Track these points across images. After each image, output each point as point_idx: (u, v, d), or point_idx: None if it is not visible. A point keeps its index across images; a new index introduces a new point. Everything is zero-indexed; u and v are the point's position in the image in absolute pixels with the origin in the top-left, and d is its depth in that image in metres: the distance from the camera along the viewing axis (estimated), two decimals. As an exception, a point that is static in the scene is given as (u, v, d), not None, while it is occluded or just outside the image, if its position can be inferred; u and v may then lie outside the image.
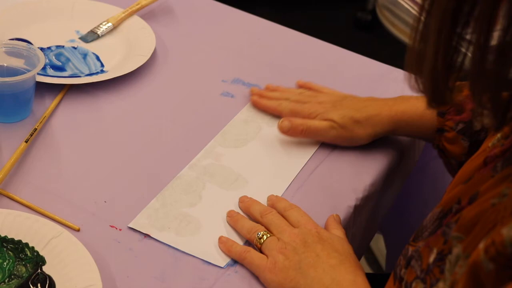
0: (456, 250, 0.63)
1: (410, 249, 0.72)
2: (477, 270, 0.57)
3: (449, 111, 0.95)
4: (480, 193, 0.64)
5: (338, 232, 0.85)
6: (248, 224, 0.86)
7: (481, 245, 0.57)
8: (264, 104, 1.05)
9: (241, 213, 0.89)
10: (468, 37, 0.58)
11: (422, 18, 0.60)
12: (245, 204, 0.89)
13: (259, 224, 0.86)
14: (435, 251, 0.66)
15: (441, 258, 0.65)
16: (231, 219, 0.87)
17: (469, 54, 0.58)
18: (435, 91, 0.62)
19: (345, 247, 0.83)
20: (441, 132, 0.96)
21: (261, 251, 0.83)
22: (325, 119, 0.99)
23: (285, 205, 0.88)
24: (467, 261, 0.60)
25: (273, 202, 0.89)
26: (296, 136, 1.00)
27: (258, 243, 0.83)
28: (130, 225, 0.86)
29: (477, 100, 0.58)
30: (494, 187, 0.62)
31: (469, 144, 0.93)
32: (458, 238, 0.63)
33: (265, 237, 0.83)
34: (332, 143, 1.01)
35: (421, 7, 0.60)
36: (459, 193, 0.68)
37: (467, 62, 0.59)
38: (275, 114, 1.04)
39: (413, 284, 0.68)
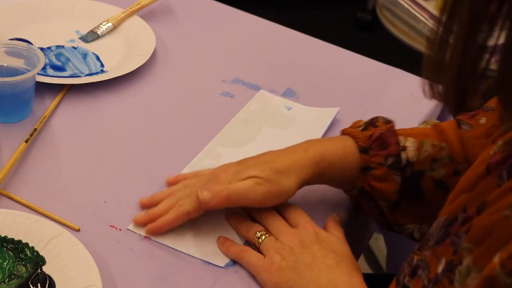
0: (467, 261, 0.62)
1: (416, 258, 0.72)
2: (492, 284, 0.57)
3: (371, 147, 0.87)
4: (488, 203, 0.63)
5: (337, 233, 0.85)
6: (247, 223, 0.86)
7: (496, 259, 0.57)
8: (168, 221, 0.85)
9: (241, 212, 0.89)
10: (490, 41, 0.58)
11: (443, 22, 0.60)
12: None
13: (258, 224, 0.86)
14: (443, 261, 0.66)
15: (450, 268, 0.64)
16: (231, 219, 0.87)
17: (492, 57, 0.58)
18: (461, 97, 0.61)
19: (343, 248, 0.83)
20: (367, 170, 0.87)
21: (259, 251, 0.83)
22: (246, 178, 0.84)
23: (284, 204, 0.88)
24: (481, 274, 0.60)
25: None
26: (221, 206, 0.84)
27: (257, 243, 0.83)
28: (130, 227, 0.86)
29: (508, 103, 0.58)
30: (502, 197, 0.62)
31: (401, 179, 0.87)
32: (468, 249, 0.63)
33: (263, 237, 0.83)
34: (260, 205, 0.86)
35: (442, 12, 0.60)
36: (464, 201, 0.68)
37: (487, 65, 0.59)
38: (180, 222, 0.86)
39: None
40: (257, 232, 0.84)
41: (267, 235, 0.84)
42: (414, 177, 0.87)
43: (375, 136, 0.88)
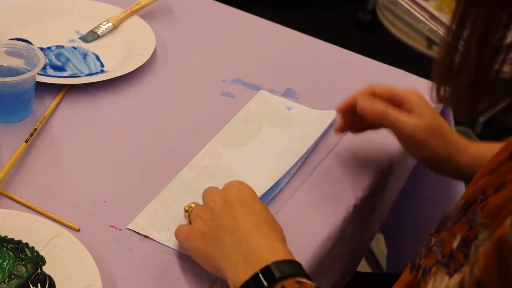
0: (482, 236, 0.62)
1: (433, 239, 0.72)
2: (502, 245, 0.57)
3: None
4: (507, 182, 0.63)
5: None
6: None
7: (508, 220, 0.57)
8: (353, 94, 0.96)
9: None
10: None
11: (454, 28, 0.61)
12: None
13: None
14: (459, 237, 0.66)
15: (466, 244, 0.64)
16: None
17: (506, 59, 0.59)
18: (474, 100, 0.62)
19: (262, 207, 0.80)
20: None
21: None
22: (418, 112, 0.92)
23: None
24: (492, 238, 0.60)
25: None
26: (373, 116, 0.93)
27: (187, 217, 0.83)
28: (130, 226, 0.86)
29: None
30: None
31: None
32: (484, 224, 0.62)
33: (191, 208, 0.83)
34: (404, 140, 0.94)
35: (453, 18, 0.61)
36: (484, 184, 0.68)
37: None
38: (370, 97, 0.95)
39: (433, 269, 0.68)
40: (186, 206, 0.84)
41: (196, 206, 0.83)
42: None
43: None
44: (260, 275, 0.72)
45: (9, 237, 0.81)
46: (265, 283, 0.72)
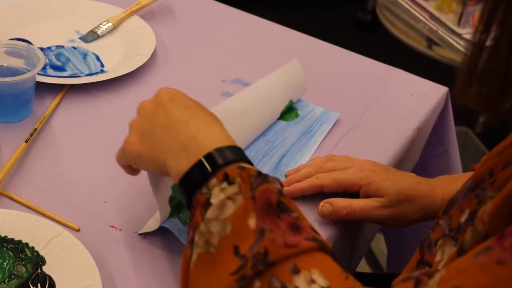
0: (489, 205, 0.62)
1: (440, 221, 0.71)
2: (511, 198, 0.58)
3: None
4: None
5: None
6: None
7: None
8: (300, 187, 0.92)
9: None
10: None
11: (478, 36, 0.61)
12: None
13: None
14: (467, 211, 0.66)
15: (473, 217, 0.64)
16: None
17: None
18: (504, 99, 0.62)
19: (195, 102, 0.79)
20: None
21: None
22: (375, 194, 0.90)
23: None
24: (498, 195, 0.60)
25: None
26: (337, 219, 0.90)
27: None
28: (142, 231, 0.85)
29: None
30: None
31: None
32: (492, 196, 0.62)
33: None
34: (378, 223, 0.96)
35: (480, 22, 0.61)
36: (491, 165, 0.68)
37: None
38: (317, 192, 0.92)
39: (440, 242, 0.68)
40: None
41: None
42: None
43: None
44: (204, 161, 0.71)
45: (9, 237, 0.81)
46: (210, 169, 0.70)
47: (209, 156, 0.71)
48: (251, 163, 0.72)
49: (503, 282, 0.53)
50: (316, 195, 0.92)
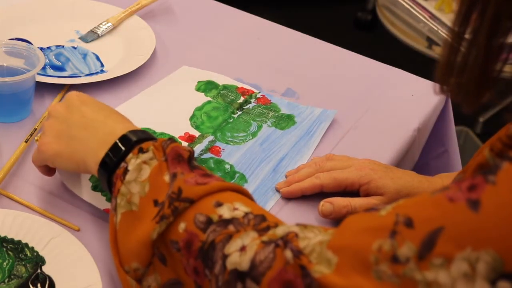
0: None
1: None
2: (482, 167, 0.60)
3: None
4: None
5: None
6: None
7: (485, 150, 0.59)
8: (300, 187, 0.92)
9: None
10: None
11: (457, 28, 0.62)
12: None
13: None
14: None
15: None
16: None
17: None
18: (480, 92, 0.63)
19: (107, 106, 0.84)
20: None
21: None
22: (376, 192, 0.90)
23: None
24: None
25: None
26: (338, 219, 0.89)
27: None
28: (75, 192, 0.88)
29: None
30: None
31: None
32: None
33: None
34: None
35: (458, 16, 0.62)
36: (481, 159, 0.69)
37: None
38: (318, 192, 0.92)
39: None
40: (38, 136, 0.86)
41: None
42: None
43: None
44: (119, 142, 0.76)
45: (9, 237, 0.81)
46: (123, 148, 0.76)
47: (123, 137, 0.77)
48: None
49: (448, 217, 0.55)
50: (316, 195, 0.92)
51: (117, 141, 0.77)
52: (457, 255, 0.54)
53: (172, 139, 0.76)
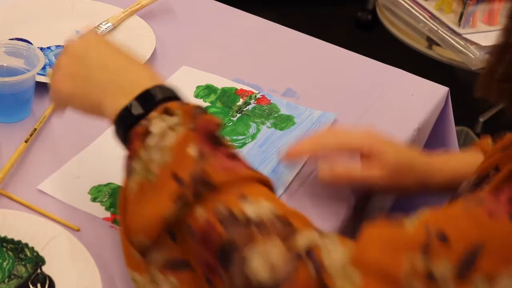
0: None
1: None
2: None
3: None
4: None
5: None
6: None
7: None
8: (301, 148, 0.92)
9: None
10: None
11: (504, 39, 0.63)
12: None
13: None
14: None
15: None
16: None
17: None
18: None
19: (129, 50, 0.78)
20: None
21: None
22: (377, 157, 0.88)
23: None
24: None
25: None
26: (337, 184, 0.91)
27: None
28: (40, 187, 0.88)
29: None
30: None
31: None
32: None
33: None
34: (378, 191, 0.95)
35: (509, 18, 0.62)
36: (496, 160, 0.68)
37: None
38: (318, 153, 0.92)
39: None
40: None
41: None
42: None
43: None
44: (143, 95, 0.70)
45: (8, 237, 0.81)
46: (148, 104, 0.69)
47: (147, 92, 0.70)
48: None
49: (489, 234, 0.54)
50: (318, 194, 0.92)
51: (142, 93, 0.70)
52: (503, 272, 0.53)
53: (203, 109, 0.70)
